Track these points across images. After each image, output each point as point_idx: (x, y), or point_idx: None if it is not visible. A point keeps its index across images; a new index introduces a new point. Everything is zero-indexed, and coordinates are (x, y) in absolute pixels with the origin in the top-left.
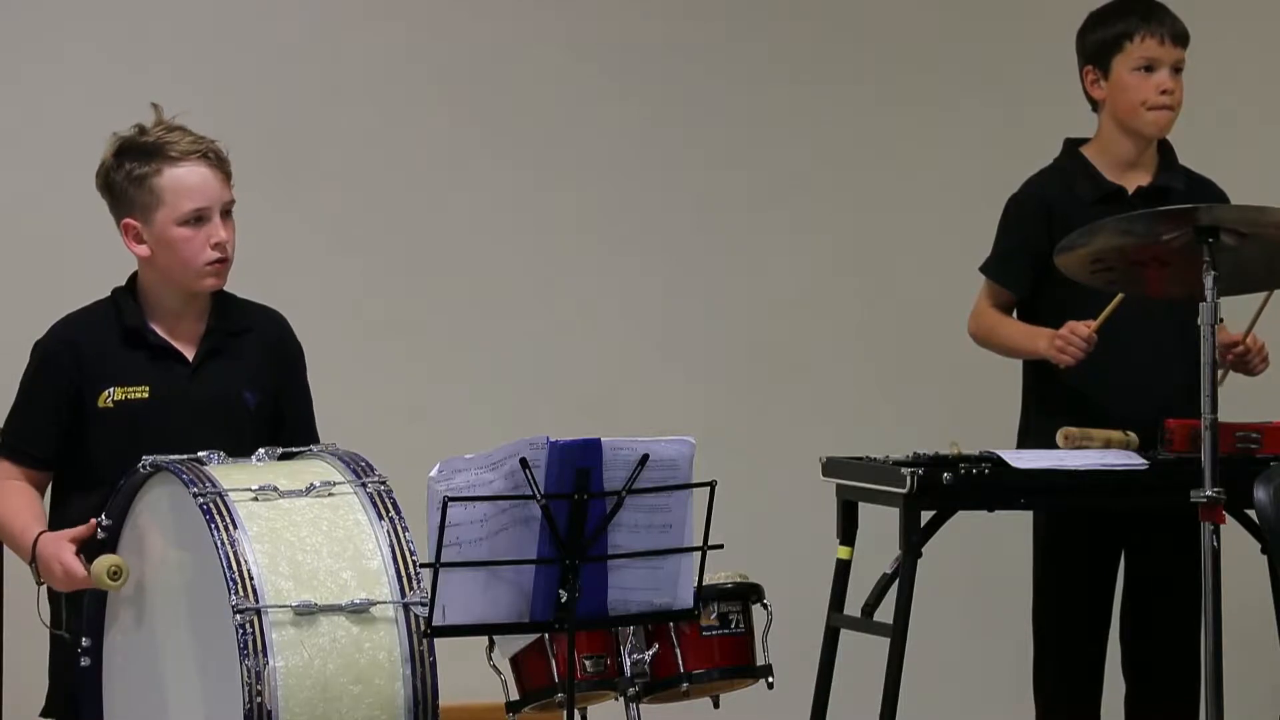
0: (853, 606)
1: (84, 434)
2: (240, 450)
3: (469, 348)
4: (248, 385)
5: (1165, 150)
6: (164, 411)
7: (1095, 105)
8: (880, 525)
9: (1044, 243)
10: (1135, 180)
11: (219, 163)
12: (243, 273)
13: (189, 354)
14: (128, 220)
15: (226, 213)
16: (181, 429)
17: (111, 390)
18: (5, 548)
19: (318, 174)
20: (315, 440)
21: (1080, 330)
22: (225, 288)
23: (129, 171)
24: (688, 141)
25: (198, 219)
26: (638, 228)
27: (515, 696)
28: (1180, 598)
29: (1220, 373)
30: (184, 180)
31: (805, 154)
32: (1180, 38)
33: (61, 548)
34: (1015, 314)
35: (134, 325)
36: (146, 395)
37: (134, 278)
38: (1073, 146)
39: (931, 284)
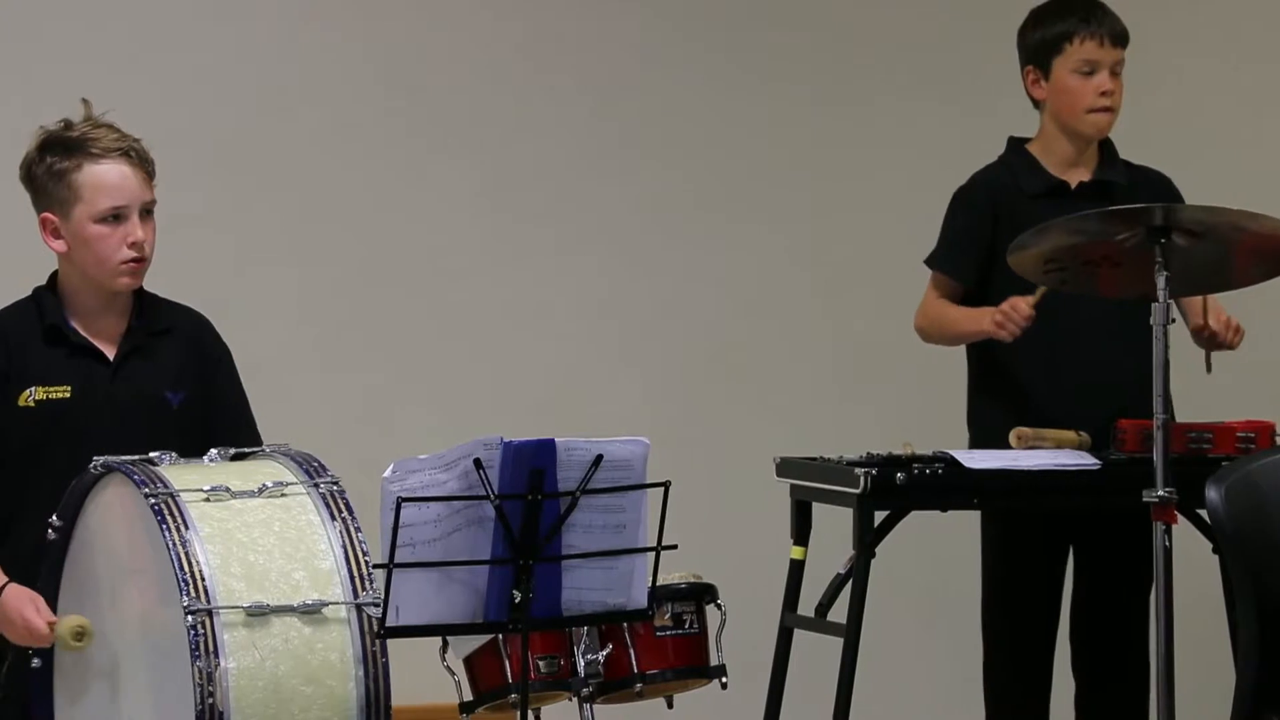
0: (806, 606)
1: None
2: (163, 449)
3: (422, 348)
4: (169, 385)
5: (1106, 146)
6: (84, 411)
7: (1037, 104)
8: (834, 525)
9: (989, 233)
10: (1077, 175)
11: (141, 162)
12: (198, 274)
13: (109, 353)
14: (46, 215)
15: (147, 213)
16: (102, 429)
17: (33, 390)
18: None
19: (274, 176)
20: (256, 437)
21: (1021, 308)
22: (162, 291)
23: (50, 165)
24: (642, 141)
25: (115, 217)
26: (591, 228)
27: (469, 697)
28: (1130, 597)
29: (1206, 358)
30: (103, 177)
31: (760, 153)
32: (1120, 38)
33: (25, 603)
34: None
35: (54, 323)
36: (68, 395)
37: (55, 276)
38: (1017, 144)
39: (886, 284)
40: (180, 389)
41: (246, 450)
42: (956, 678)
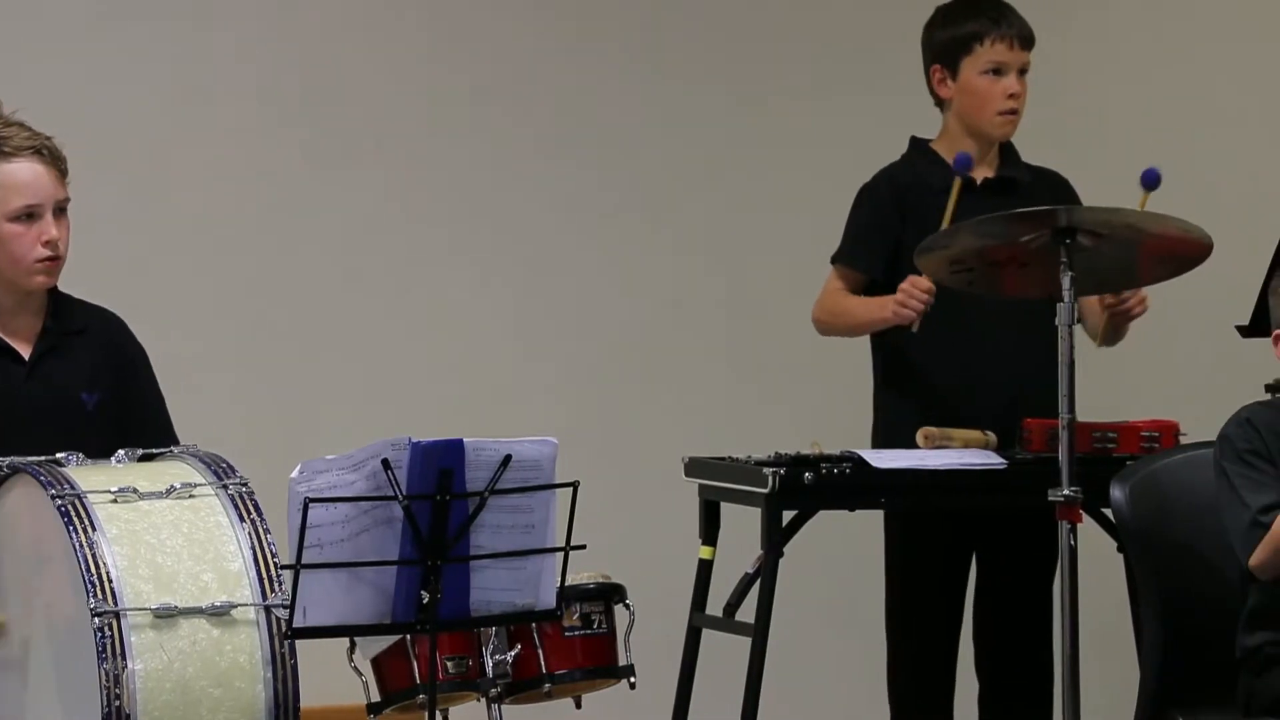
0: (715, 606)
1: None
2: (77, 450)
3: (331, 348)
4: (85, 385)
5: (1006, 146)
6: (0, 411)
7: (940, 103)
8: (742, 525)
9: (896, 226)
10: (981, 173)
11: (54, 160)
12: (105, 273)
13: (24, 353)
14: None
15: (61, 210)
16: (16, 428)
17: None
18: None
19: (184, 176)
20: (173, 439)
21: (920, 283)
22: (73, 291)
23: None
24: (553, 141)
25: (29, 215)
26: (500, 228)
27: (377, 698)
28: (1032, 596)
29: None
30: (16, 175)
31: (670, 153)
32: (1027, 40)
33: None
34: None
35: None
36: None
37: None
38: (920, 143)
39: (795, 284)
40: (95, 389)
41: (155, 451)
42: (863, 677)
